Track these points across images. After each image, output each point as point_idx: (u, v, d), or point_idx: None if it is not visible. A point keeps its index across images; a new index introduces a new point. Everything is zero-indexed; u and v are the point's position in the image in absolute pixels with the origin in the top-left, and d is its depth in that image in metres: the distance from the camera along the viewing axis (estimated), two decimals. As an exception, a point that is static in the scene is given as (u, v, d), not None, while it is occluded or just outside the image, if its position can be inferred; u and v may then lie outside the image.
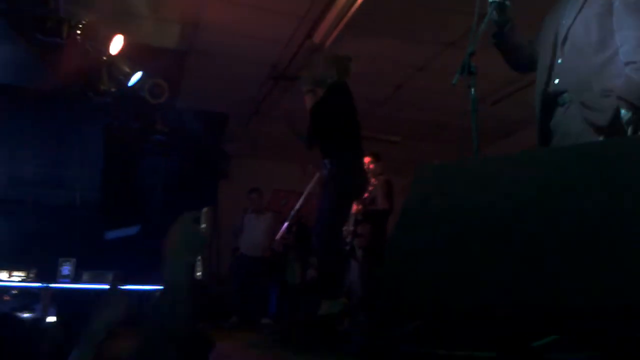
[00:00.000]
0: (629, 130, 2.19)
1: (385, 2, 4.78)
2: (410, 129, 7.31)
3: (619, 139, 2.12)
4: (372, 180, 5.49)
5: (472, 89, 2.40)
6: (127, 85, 5.42)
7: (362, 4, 4.63)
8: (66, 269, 6.91)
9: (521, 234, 1.63)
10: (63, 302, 6.74)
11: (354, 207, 5.48)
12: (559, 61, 2.43)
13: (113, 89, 5.38)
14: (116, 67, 5.31)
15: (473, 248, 1.73)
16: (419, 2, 4.86)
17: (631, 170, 1.54)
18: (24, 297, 6.69)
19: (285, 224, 6.33)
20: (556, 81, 2.41)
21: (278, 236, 6.46)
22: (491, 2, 2.44)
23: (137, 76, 5.42)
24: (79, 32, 4.79)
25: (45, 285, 6.65)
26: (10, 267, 6.70)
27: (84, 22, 4.79)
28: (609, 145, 1.87)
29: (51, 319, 6.61)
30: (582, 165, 1.69)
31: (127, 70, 5.35)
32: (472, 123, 2.40)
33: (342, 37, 5.27)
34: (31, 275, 6.77)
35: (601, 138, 2.26)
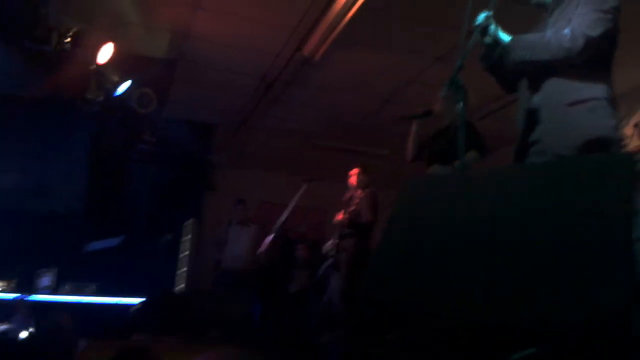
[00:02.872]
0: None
1: (374, 16, 4.82)
2: (398, 142, 7.37)
3: (596, 156, 2.11)
4: (359, 192, 5.52)
5: (460, 104, 2.41)
6: (115, 94, 5.39)
7: (352, 18, 4.66)
8: (46, 279, 6.82)
9: (503, 249, 1.64)
10: (42, 313, 6.64)
11: (340, 216, 5.49)
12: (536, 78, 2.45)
13: (101, 98, 5.35)
14: (105, 76, 5.29)
15: (454, 262, 1.74)
16: (409, 16, 4.90)
17: (608, 187, 1.56)
18: (2, 308, 6.58)
19: (270, 236, 6.31)
20: (534, 99, 2.42)
21: (262, 248, 6.42)
22: (475, 26, 2.45)
23: (125, 85, 5.40)
24: (68, 40, 4.75)
25: (22, 296, 6.55)
26: (-11, 277, 6.60)
27: (73, 30, 4.76)
28: (587, 162, 1.89)
29: (26, 332, 6.51)
30: (561, 181, 1.71)
31: (116, 79, 5.33)
32: (459, 137, 2.42)
33: (331, 50, 5.31)
34: (11, 285, 6.67)
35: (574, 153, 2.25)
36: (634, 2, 4.34)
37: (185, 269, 7.84)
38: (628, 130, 5.10)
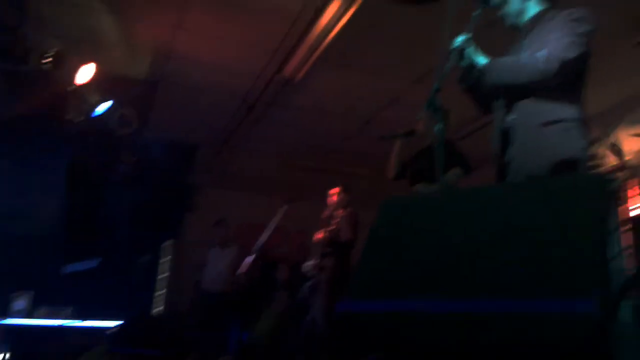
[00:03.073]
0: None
1: (355, 38, 4.87)
2: (378, 162, 7.43)
3: (572, 176, 2.12)
4: (339, 212, 5.53)
5: (438, 125, 2.43)
6: (94, 114, 5.35)
7: (332, 40, 4.71)
8: (22, 303, 6.68)
9: (481, 266, 1.65)
10: (17, 338, 6.49)
11: (320, 235, 5.48)
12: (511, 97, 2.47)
13: (80, 118, 5.31)
14: (84, 97, 5.25)
15: (434, 280, 1.74)
16: (389, 39, 4.97)
17: (584, 206, 1.58)
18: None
19: (251, 258, 6.25)
20: (508, 119, 2.44)
21: (242, 269, 6.36)
22: (453, 49, 2.46)
23: (105, 106, 5.37)
24: (47, 60, 4.73)
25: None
26: (-37, 300, 6.45)
27: (53, 50, 4.74)
28: (563, 182, 1.91)
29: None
30: (538, 201, 1.73)
31: (95, 100, 5.30)
32: (438, 157, 2.44)
33: (312, 72, 5.35)
34: (-14, 309, 6.51)
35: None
36: (610, 25, 4.46)
37: (164, 290, 7.74)
38: (603, 150, 5.20)
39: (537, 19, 2.51)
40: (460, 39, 2.45)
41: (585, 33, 2.31)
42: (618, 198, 4.63)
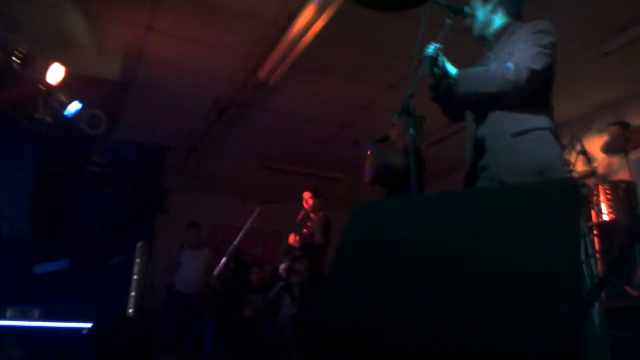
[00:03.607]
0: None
1: (329, 43, 4.89)
2: (353, 166, 7.47)
3: (543, 182, 2.15)
4: (311, 215, 5.54)
5: (411, 130, 2.44)
6: (64, 115, 5.26)
7: (307, 45, 4.71)
8: (-13, 304, 6.53)
9: (454, 273, 1.66)
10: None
11: (292, 238, 5.46)
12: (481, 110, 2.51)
13: (49, 119, 5.21)
14: (53, 97, 5.16)
15: (405, 286, 1.75)
16: (364, 45, 5.00)
17: (555, 211, 1.61)
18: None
19: (223, 260, 6.23)
20: (480, 129, 2.48)
21: (215, 272, 6.33)
22: (425, 56, 2.48)
23: (74, 106, 5.28)
24: (16, 59, 4.65)
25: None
26: None
27: (22, 49, 4.65)
28: (534, 187, 1.94)
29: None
30: (511, 206, 1.75)
31: (65, 99, 5.21)
32: (411, 163, 2.46)
33: (286, 76, 5.34)
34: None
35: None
36: (578, 35, 4.56)
37: (135, 292, 7.63)
38: (572, 157, 5.30)
39: (502, 31, 2.56)
40: (432, 47, 2.47)
41: (549, 44, 2.36)
42: (588, 203, 4.73)
